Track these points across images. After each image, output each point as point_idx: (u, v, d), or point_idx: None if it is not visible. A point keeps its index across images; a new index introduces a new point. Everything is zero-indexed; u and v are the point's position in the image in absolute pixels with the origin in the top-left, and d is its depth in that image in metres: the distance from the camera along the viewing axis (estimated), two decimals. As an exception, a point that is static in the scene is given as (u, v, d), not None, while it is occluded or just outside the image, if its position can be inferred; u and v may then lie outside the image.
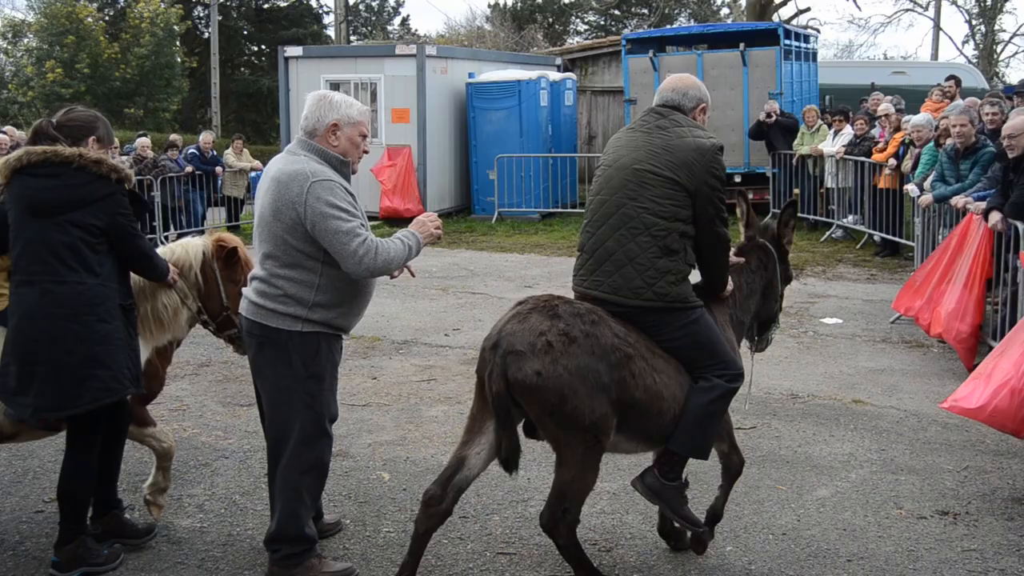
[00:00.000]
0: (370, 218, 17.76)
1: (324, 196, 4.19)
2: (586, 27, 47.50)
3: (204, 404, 7.31)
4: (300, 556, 4.47)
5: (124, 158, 16.04)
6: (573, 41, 40.92)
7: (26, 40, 32.31)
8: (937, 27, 38.62)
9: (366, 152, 4.63)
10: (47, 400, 4.32)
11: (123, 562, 4.78)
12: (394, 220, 17.30)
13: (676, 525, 4.78)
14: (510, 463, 4.16)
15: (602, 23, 46.37)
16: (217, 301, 5.09)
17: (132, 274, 4.72)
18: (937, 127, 11.41)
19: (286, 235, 4.26)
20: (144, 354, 4.89)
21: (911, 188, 11.13)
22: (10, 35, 32.56)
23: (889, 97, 15.31)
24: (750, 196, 5.30)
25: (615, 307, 4.29)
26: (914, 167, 11.79)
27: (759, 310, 4.92)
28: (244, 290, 4.52)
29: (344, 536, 5.10)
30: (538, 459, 6.15)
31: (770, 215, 16.24)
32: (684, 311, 4.33)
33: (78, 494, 4.59)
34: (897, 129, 13.37)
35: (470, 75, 18.81)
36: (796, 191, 16.22)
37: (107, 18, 33.20)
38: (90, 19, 30.98)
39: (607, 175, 4.46)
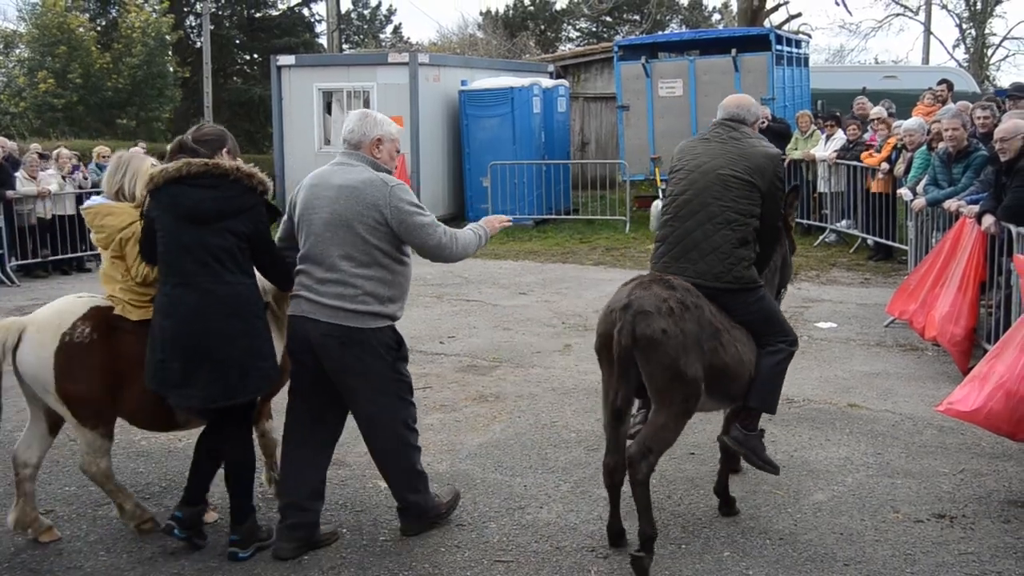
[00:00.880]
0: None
1: (405, 196, 4.79)
2: (578, 34, 47.61)
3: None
4: (429, 498, 5.17)
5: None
6: (565, 48, 41.01)
7: (18, 51, 32.24)
8: (928, 31, 38.76)
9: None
10: (215, 390, 4.68)
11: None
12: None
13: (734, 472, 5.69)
14: (623, 413, 4.85)
15: (594, 30, 46.49)
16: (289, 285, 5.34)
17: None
18: (929, 131, 11.45)
19: (367, 236, 4.74)
20: (278, 349, 5.11)
21: (904, 192, 11.16)
22: (1, 46, 32.50)
23: (884, 101, 15.36)
24: None
25: (700, 289, 5.01)
26: (907, 171, 11.82)
27: (779, 281, 5.76)
28: (305, 294, 4.85)
29: (341, 544, 5.09)
30: (534, 467, 6.15)
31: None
32: (754, 291, 5.17)
33: (245, 473, 4.99)
34: (888, 133, 13.40)
35: (463, 82, 18.84)
36: (796, 183, 16.24)
37: (99, 28, 33.15)
38: (81, 29, 30.93)
39: (691, 178, 5.20)
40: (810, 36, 26.29)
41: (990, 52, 41.09)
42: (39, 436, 5.15)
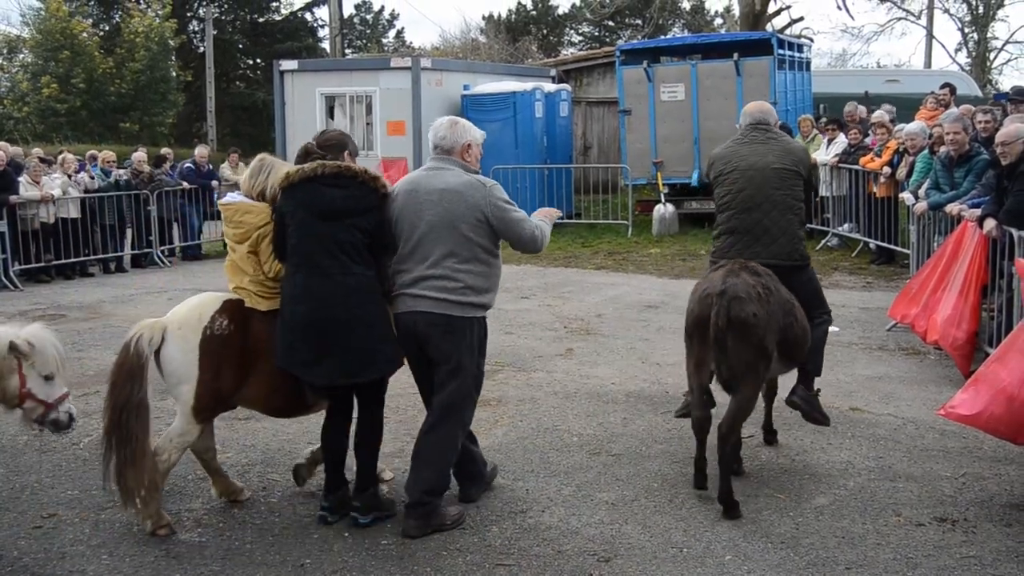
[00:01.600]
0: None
1: (500, 195, 5.27)
2: (580, 38, 47.68)
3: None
4: (439, 507, 5.30)
5: (121, 171, 16.07)
6: (568, 52, 41.02)
7: (21, 56, 32.38)
8: (930, 35, 38.78)
9: None
10: (348, 368, 5.11)
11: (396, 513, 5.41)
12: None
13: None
14: (709, 381, 5.64)
15: (596, 34, 46.55)
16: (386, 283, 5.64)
17: None
18: (931, 135, 11.45)
19: (470, 234, 5.16)
20: None
21: (907, 196, 11.16)
22: (5, 51, 32.63)
23: (884, 106, 15.36)
24: None
25: (773, 269, 5.73)
26: (908, 175, 11.82)
27: None
28: (409, 290, 5.21)
29: (343, 548, 5.10)
30: (536, 471, 6.16)
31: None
32: (808, 266, 6.21)
33: (373, 446, 5.41)
34: (888, 138, 13.40)
35: (465, 87, 18.86)
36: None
37: (102, 33, 33.24)
38: (85, 34, 31.01)
39: (748, 175, 6.05)
40: (812, 40, 26.29)
41: (992, 56, 41.14)
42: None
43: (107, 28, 34.13)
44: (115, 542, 5.22)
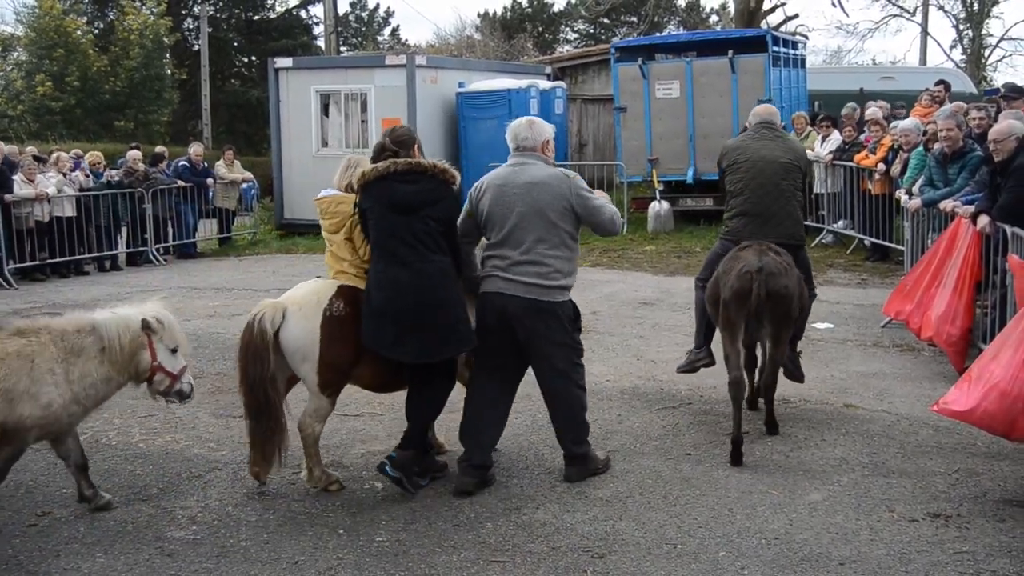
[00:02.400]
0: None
1: (582, 184, 5.85)
2: (576, 36, 47.68)
3: (197, 416, 7.29)
4: (590, 452, 5.98)
5: (114, 172, 16.04)
6: (563, 50, 41.00)
7: (15, 54, 32.31)
8: (925, 32, 38.82)
9: None
10: (426, 348, 5.53)
11: (423, 487, 5.80)
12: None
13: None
14: (750, 346, 6.77)
15: (591, 32, 46.55)
16: (470, 269, 6.04)
17: None
18: (925, 132, 11.47)
19: (557, 221, 5.69)
20: None
21: (901, 194, 11.16)
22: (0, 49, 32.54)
23: (878, 102, 15.35)
24: None
25: (781, 247, 6.57)
26: (903, 172, 11.83)
27: None
28: (500, 274, 5.72)
29: (338, 545, 5.11)
30: (531, 468, 6.17)
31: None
32: (804, 246, 7.19)
33: (426, 417, 5.84)
34: (882, 135, 13.42)
35: (460, 84, 18.83)
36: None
37: (96, 31, 33.18)
38: (79, 32, 30.95)
39: (759, 167, 6.94)
40: (807, 37, 26.23)
41: (987, 53, 41.13)
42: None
43: (101, 26, 34.07)
44: (110, 540, 5.22)
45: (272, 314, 5.58)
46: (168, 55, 34.07)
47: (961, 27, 40.68)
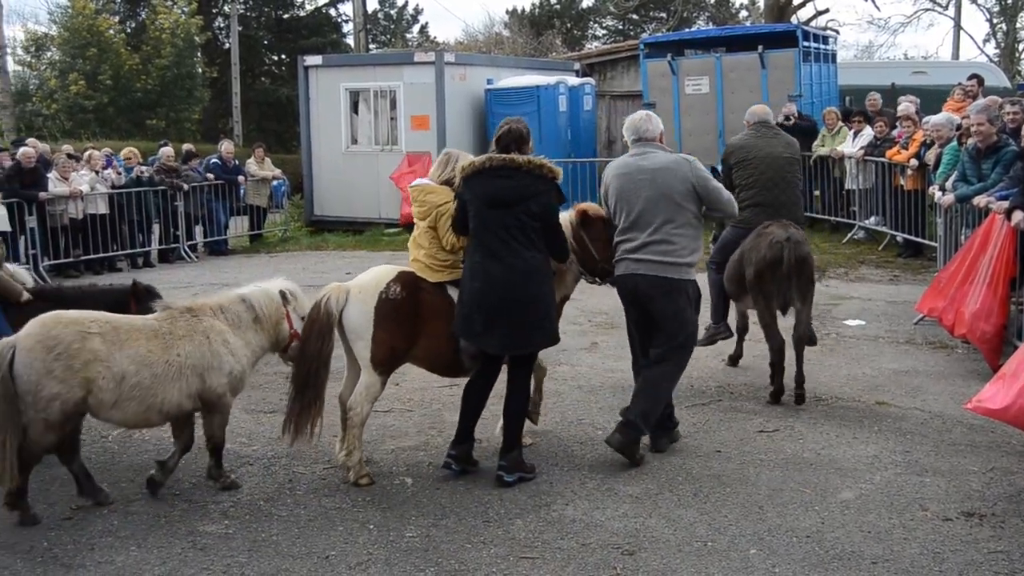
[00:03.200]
0: (390, 225, 17.86)
1: (701, 168, 6.29)
2: (604, 32, 47.48)
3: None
4: (640, 437, 6.19)
5: (145, 168, 16.18)
6: (591, 46, 40.90)
7: (49, 53, 32.63)
8: (958, 26, 38.37)
9: None
10: (511, 341, 5.78)
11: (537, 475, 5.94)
12: (414, 227, 17.32)
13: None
14: (784, 309, 7.35)
15: (620, 28, 46.35)
16: (591, 258, 6.37)
17: None
18: (959, 126, 11.33)
19: (682, 202, 6.12)
20: None
21: (935, 190, 11.04)
22: (33, 49, 32.88)
23: (908, 97, 15.20)
24: None
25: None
26: (935, 167, 11.70)
27: None
28: (632, 256, 6.12)
29: (368, 540, 5.13)
30: (560, 464, 6.17)
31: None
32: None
33: (519, 411, 5.97)
34: (915, 130, 13.28)
35: (489, 81, 18.83)
36: (816, 193, 16.13)
37: (128, 30, 33.46)
38: (111, 31, 31.23)
39: (768, 162, 7.62)
40: (838, 32, 26.05)
41: (1021, 47, 40.61)
42: (356, 380, 6.07)
43: (133, 25, 34.34)
44: (143, 533, 5.27)
45: (337, 296, 5.90)
46: (199, 54, 34.29)
47: (995, 21, 40.19)
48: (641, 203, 6.13)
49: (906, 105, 14.28)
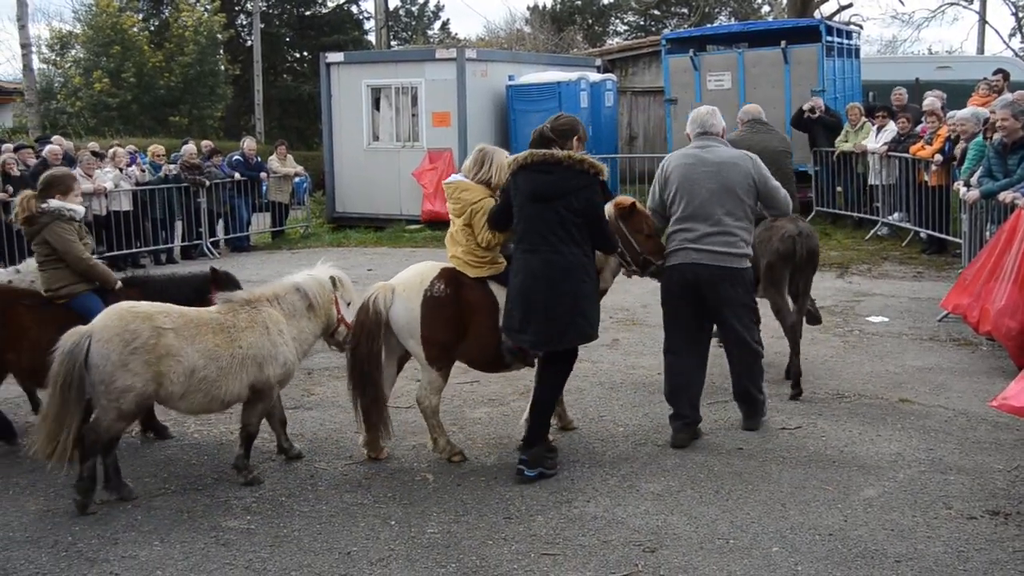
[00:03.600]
0: (412, 222, 17.88)
1: (762, 165, 6.52)
2: (626, 28, 47.36)
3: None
4: (764, 406, 6.78)
5: (172, 166, 16.28)
6: (613, 42, 40.79)
7: (73, 51, 32.81)
8: (983, 20, 37.99)
9: None
10: (543, 337, 5.78)
11: (558, 471, 5.96)
12: (436, 224, 17.34)
13: None
14: (795, 297, 7.64)
15: (642, 24, 46.20)
16: (633, 250, 6.36)
17: None
18: (986, 120, 11.22)
19: (743, 196, 6.37)
20: None
21: (960, 186, 10.94)
22: (58, 47, 33.07)
23: (933, 91, 15.07)
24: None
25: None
26: (960, 162, 11.60)
27: None
28: (691, 246, 6.29)
29: (390, 536, 5.14)
30: (581, 460, 6.16)
31: (813, 212, 16.11)
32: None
33: (546, 407, 5.99)
34: (939, 125, 13.16)
35: (510, 77, 18.81)
36: (839, 189, 16.03)
37: (151, 28, 33.63)
38: (135, 29, 31.39)
39: (766, 156, 7.17)
40: (861, 27, 25.87)
41: (1048, 41, 40.12)
42: (390, 376, 6.30)
43: (157, 23, 34.49)
44: (166, 528, 5.31)
45: (384, 295, 6.01)
46: (222, 51, 34.42)
47: (1020, 15, 39.76)
48: (704, 194, 6.32)
49: (931, 100, 14.15)
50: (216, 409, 5.88)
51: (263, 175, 17.56)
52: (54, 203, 6.56)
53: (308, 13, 40.91)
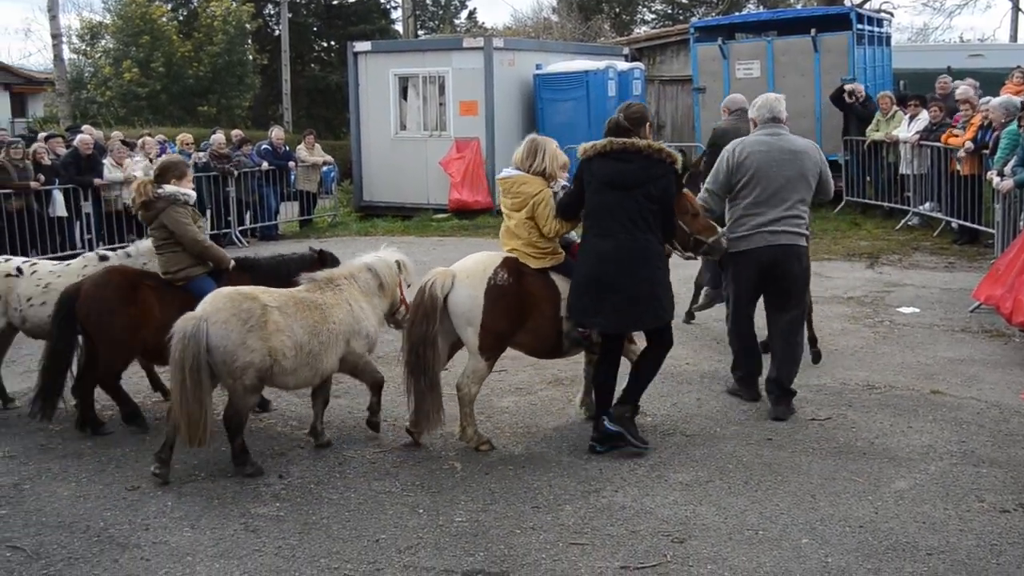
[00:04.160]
0: (439, 211, 17.89)
1: (823, 156, 6.86)
2: (653, 16, 47.08)
3: (280, 395, 7.40)
4: (792, 397, 6.81)
5: (201, 154, 16.36)
6: (640, 31, 40.59)
7: (103, 41, 33.02)
8: (1016, 8, 37.46)
9: None
10: (614, 320, 5.90)
11: (649, 452, 6.04)
12: (463, 213, 17.33)
13: None
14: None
15: (669, 12, 45.91)
16: (683, 232, 6.27)
17: None
18: (1022, 106, 11.06)
19: (812, 182, 6.66)
20: None
21: (993, 175, 10.80)
22: (88, 37, 33.29)
23: (967, 80, 14.90)
24: None
25: None
26: (993, 151, 11.46)
27: None
28: (765, 229, 6.53)
29: (418, 524, 5.15)
30: (611, 451, 6.14)
31: (843, 202, 15.97)
32: None
33: (644, 377, 6.20)
34: (972, 114, 13.00)
35: (537, 66, 18.75)
36: (868, 179, 15.88)
37: (180, 18, 33.79)
38: (164, 19, 31.56)
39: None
40: (892, 14, 25.64)
41: (1083, 28, 39.52)
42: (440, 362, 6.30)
43: (185, 13, 34.65)
44: (197, 514, 5.35)
45: (443, 281, 6.05)
46: (250, 41, 34.53)
47: (1055, 2, 39.16)
48: (780, 181, 6.55)
49: (964, 88, 13.98)
50: (315, 383, 6.18)
51: (291, 164, 17.62)
52: (169, 188, 6.77)
53: (336, 2, 40.96)
